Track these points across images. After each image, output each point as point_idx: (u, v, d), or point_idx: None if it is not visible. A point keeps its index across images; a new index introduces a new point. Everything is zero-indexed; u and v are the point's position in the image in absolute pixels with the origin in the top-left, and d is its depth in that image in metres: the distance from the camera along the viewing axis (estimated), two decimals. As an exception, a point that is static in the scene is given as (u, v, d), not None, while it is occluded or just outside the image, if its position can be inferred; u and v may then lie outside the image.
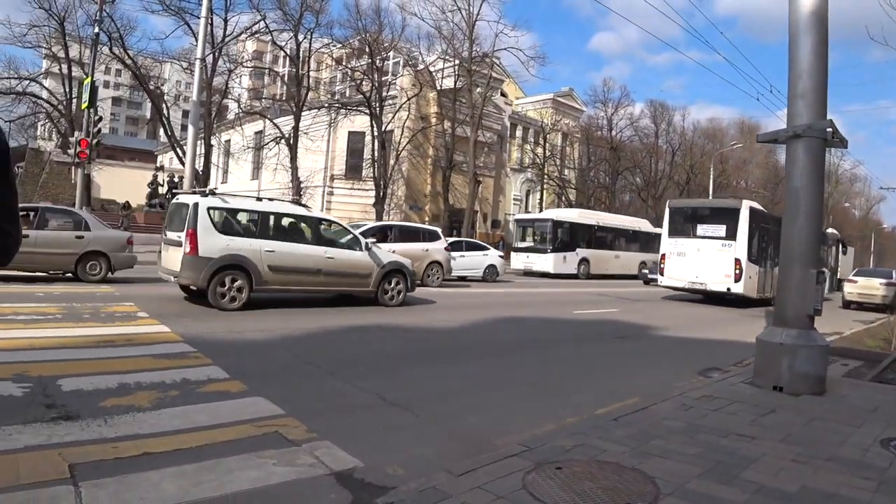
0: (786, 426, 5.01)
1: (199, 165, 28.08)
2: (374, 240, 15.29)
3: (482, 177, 41.13)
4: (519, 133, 51.91)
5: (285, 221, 11.82)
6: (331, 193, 42.84)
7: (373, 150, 36.41)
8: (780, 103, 30.17)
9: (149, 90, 33.92)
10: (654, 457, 4.04)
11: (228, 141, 46.80)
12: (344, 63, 40.95)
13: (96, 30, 23.08)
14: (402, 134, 37.26)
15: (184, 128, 39.82)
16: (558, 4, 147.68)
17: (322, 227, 12.08)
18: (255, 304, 10.65)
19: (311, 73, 38.24)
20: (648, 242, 38.24)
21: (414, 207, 41.26)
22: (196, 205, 10.28)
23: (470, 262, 21.66)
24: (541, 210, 44.79)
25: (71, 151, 21.63)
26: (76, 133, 21.54)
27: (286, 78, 41.96)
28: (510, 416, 5.32)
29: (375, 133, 35.41)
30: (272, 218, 11.27)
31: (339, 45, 38.10)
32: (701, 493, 3.45)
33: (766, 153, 64.96)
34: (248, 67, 40.45)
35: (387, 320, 10.61)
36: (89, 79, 21.51)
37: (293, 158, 32.64)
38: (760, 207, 21.06)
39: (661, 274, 19.74)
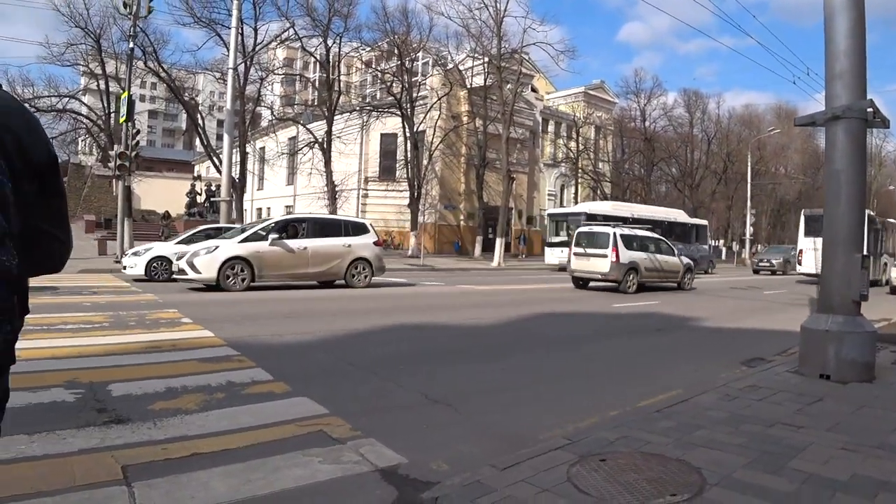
0: (834, 415, 4.90)
1: (236, 173, 28.49)
2: (277, 235, 14.57)
3: (515, 173, 41.01)
4: (551, 128, 51.66)
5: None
6: (365, 196, 43.19)
7: (405, 150, 36.57)
8: (818, 86, 29.51)
9: (184, 102, 34.55)
10: (698, 447, 3.98)
11: (263, 148, 47.51)
12: (374, 66, 41.22)
13: (131, 45, 23.59)
14: (434, 133, 37.36)
15: (219, 137, 40.43)
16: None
17: None
18: (301, 312, 10.76)
19: (342, 78, 38.54)
20: (685, 233, 37.69)
21: (448, 206, 41.35)
22: (615, 233, 17.82)
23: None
24: (576, 204, 44.48)
25: (111, 164, 22.16)
26: (115, 147, 22.06)
27: (317, 83, 42.34)
28: (552, 410, 5.30)
29: (407, 134, 35.56)
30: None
31: (368, 49, 38.32)
32: (748, 482, 3.39)
33: (804, 137, 63.63)
34: (279, 75, 40.93)
35: (423, 319, 10.65)
36: (126, 93, 22.03)
37: (327, 162, 32.95)
38: (872, 213, 25.73)
39: (800, 264, 27.08)
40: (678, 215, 39.35)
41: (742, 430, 4.41)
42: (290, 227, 15.15)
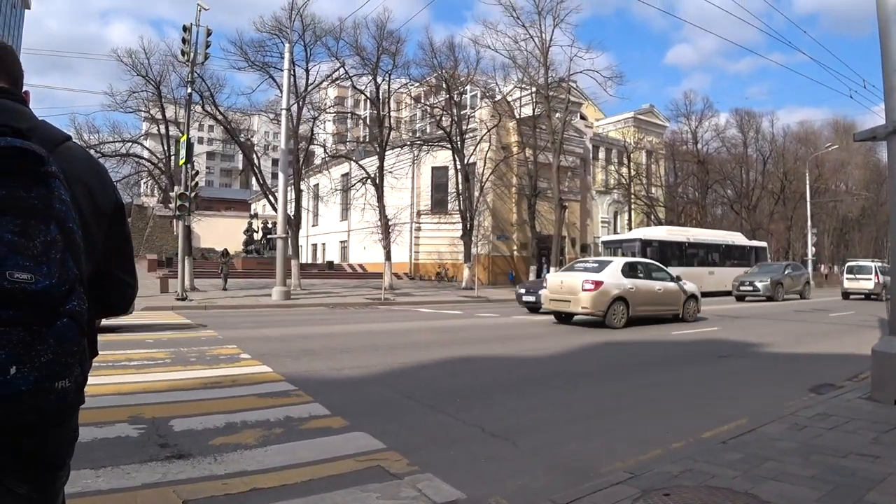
0: (913, 443, 4.64)
1: (291, 210, 29.07)
2: None
3: (567, 202, 40.75)
4: (602, 154, 51.31)
5: None
6: (418, 229, 43.50)
7: (457, 183, 36.72)
8: (876, 98, 28.59)
9: (239, 142, 35.56)
10: (767, 480, 3.81)
11: (317, 185, 48.43)
12: (423, 101, 41.76)
13: (189, 90, 24.50)
14: (484, 165, 37.49)
15: (274, 176, 41.42)
16: (630, 22, 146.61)
17: None
18: (352, 347, 10.83)
19: (392, 113, 39.09)
20: (743, 256, 36.74)
21: (501, 237, 41.28)
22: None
23: None
24: (629, 231, 43.90)
25: (172, 205, 22.89)
26: (176, 188, 22.80)
27: (368, 120, 43.09)
28: (613, 443, 5.16)
29: (458, 166, 35.76)
30: None
31: (417, 84, 38.83)
32: (826, 516, 3.23)
33: (864, 152, 61.60)
34: (331, 113, 41.87)
35: (481, 352, 10.58)
36: (185, 136, 22.81)
37: (380, 197, 33.34)
38: None
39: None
40: (735, 238, 38.46)
41: (813, 461, 4.20)
42: None
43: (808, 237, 47.02)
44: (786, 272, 29.78)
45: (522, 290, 20.43)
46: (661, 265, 17.94)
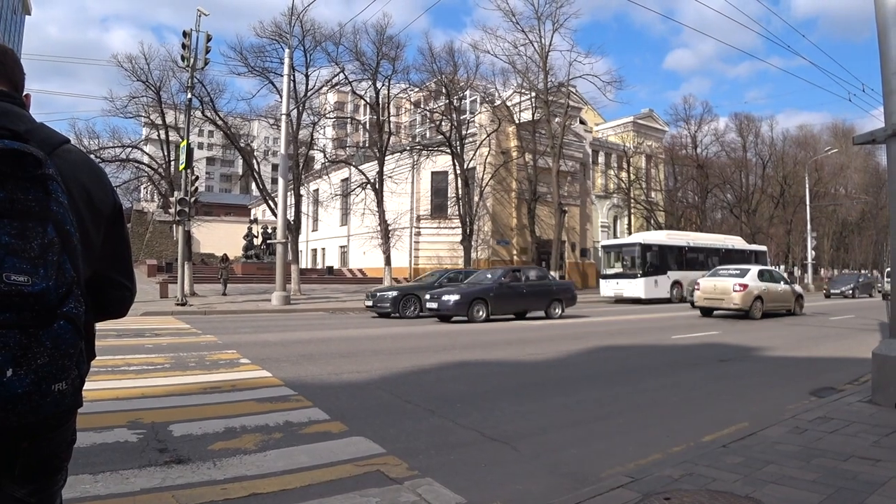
0: (914, 446, 4.62)
1: (291, 215, 29.08)
2: None
3: (567, 206, 40.76)
4: (601, 159, 51.37)
5: None
6: (418, 234, 43.49)
7: (456, 188, 36.77)
8: (875, 101, 28.66)
9: (240, 148, 35.57)
10: (769, 484, 3.80)
11: (317, 190, 48.43)
12: (422, 106, 41.80)
13: (189, 96, 24.55)
14: (484, 170, 37.53)
15: (274, 181, 41.48)
16: (629, 27, 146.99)
17: None
18: (351, 351, 10.82)
19: (392, 119, 39.17)
20: (743, 260, 36.77)
21: (501, 242, 41.28)
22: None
23: None
24: (629, 235, 43.93)
25: (172, 210, 22.90)
26: (175, 193, 22.82)
27: (368, 125, 43.23)
28: (613, 447, 5.15)
29: (458, 171, 35.80)
30: None
31: (417, 89, 38.90)
32: (828, 520, 3.22)
33: (864, 156, 61.81)
34: (330, 118, 41.89)
35: (481, 357, 10.57)
36: (185, 142, 22.85)
37: (379, 202, 33.36)
38: None
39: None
40: (735, 242, 38.48)
41: (814, 464, 4.19)
42: None
43: (808, 241, 47.12)
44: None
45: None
46: (780, 272, 21.81)
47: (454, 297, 17.34)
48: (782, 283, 20.42)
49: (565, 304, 19.69)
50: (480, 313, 17.44)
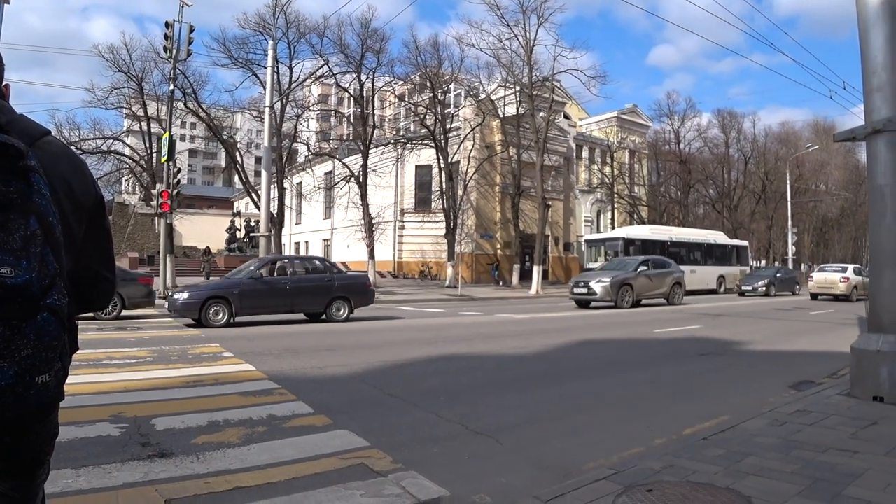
0: (890, 438, 4.68)
1: (274, 208, 28.95)
2: None
3: (551, 200, 40.88)
4: (585, 154, 51.55)
5: None
6: (402, 227, 43.47)
7: (440, 182, 36.75)
8: (856, 99, 29.11)
9: (223, 140, 35.37)
10: (748, 475, 3.84)
11: (300, 183, 48.24)
12: (407, 99, 41.74)
13: (171, 87, 24.28)
14: (468, 164, 37.53)
15: (257, 173, 41.22)
16: (614, 23, 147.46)
17: None
18: (339, 345, 10.80)
19: (376, 112, 39.04)
20: (725, 255, 37.10)
21: (485, 236, 41.33)
22: None
23: None
24: (612, 230, 44.14)
25: (153, 203, 22.71)
26: (157, 186, 22.62)
27: (352, 118, 43.00)
28: (596, 440, 5.19)
29: (442, 165, 35.78)
30: None
31: (401, 82, 38.82)
32: (805, 511, 3.26)
33: (844, 153, 62.41)
34: (314, 111, 41.67)
35: (465, 350, 10.59)
36: (167, 133, 22.65)
37: (363, 196, 33.28)
38: None
39: None
40: (717, 237, 38.82)
41: (793, 456, 4.25)
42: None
43: (789, 236, 47.52)
44: (639, 269, 22.31)
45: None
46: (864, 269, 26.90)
47: (183, 297, 13.95)
48: (863, 276, 26.22)
49: (354, 304, 15.82)
50: (219, 316, 13.72)
